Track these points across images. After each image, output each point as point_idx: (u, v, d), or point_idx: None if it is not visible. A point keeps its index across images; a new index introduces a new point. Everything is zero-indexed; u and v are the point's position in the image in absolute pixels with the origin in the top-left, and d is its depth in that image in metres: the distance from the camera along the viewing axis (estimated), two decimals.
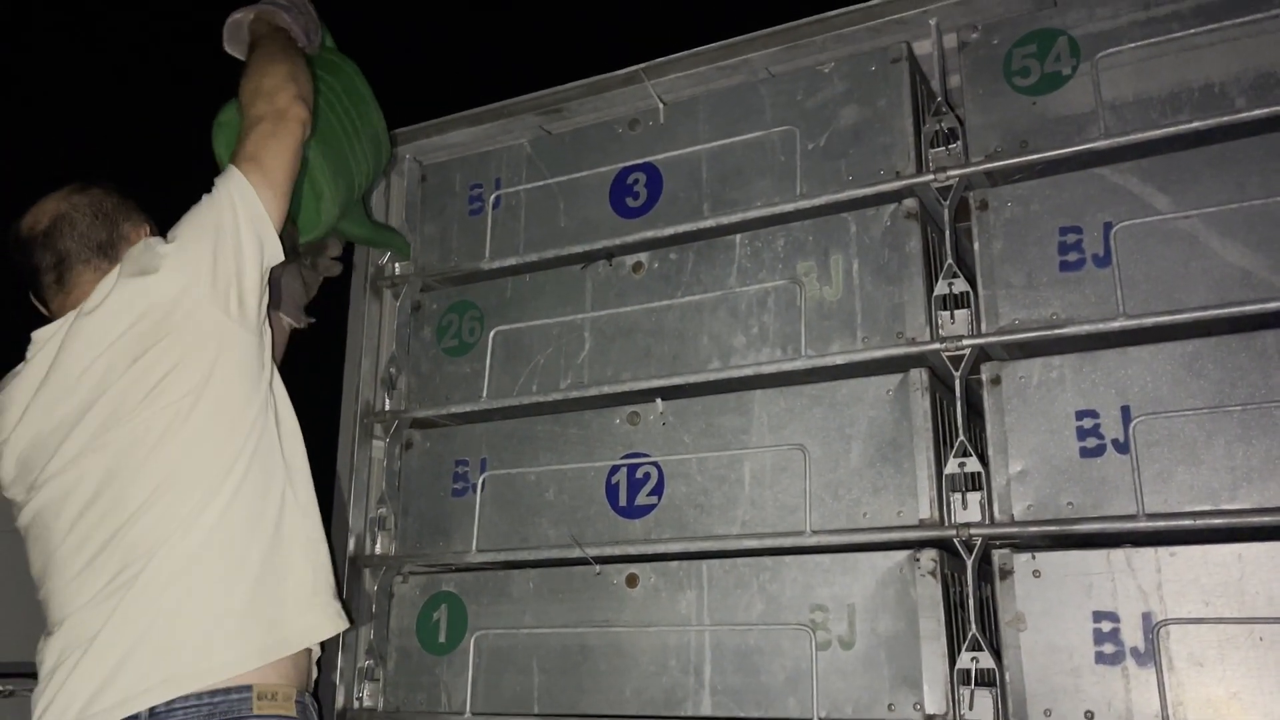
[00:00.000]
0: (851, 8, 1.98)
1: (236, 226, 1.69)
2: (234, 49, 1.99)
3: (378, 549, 2.27)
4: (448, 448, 2.25)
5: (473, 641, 2.07)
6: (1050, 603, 1.63)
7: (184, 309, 1.65)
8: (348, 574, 2.23)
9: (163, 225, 1.81)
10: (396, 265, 2.45)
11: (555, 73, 2.28)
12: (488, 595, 2.09)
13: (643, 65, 2.17)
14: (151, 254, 1.68)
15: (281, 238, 1.76)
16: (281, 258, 1.76)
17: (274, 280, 1.86)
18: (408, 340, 2.38)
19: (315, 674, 1.76)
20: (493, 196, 2.34)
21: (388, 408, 2.35)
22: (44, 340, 1.73)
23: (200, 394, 1.65)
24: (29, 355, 1.76)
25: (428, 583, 2.18)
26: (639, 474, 2.01)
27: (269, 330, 1.78)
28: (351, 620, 1.80)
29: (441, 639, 2.12)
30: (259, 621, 1.63)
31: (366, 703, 2.17)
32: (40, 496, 1.67)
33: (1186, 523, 1.57)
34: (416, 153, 2.49)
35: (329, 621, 1.74)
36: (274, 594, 1.66)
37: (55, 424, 1.66)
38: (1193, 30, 1.72)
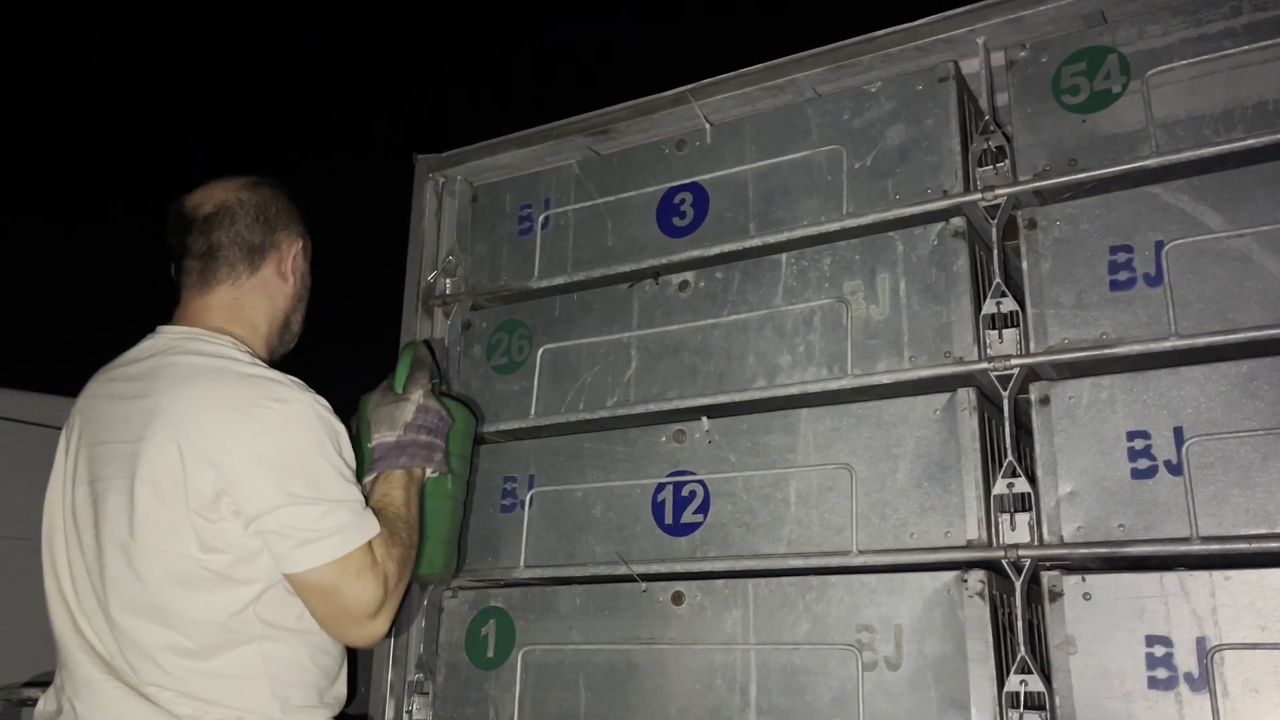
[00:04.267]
0: (898, 27, 1.98)
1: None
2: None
3: None
4: (496, 464, 2.28)
5: (520, 657, 2.09)
6: (1101, 626, 1.61)
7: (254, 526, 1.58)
8: None
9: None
10: (448, 283, 2.49)
11: (603, 94, 2.32)
12: (535, 611, 2.12)
13: (690, 86, 2.19)
14: (269, 445, 1.57)
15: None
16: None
17: None
18: (458, 358, 2.41)
19: None
20: (542, 216, 2.37)
21: None
22: (153, 350, 1.67)
23: (222, 581, 1.58)
24: (136, 354, 1.71)
25: (476, 598, 2.20)
26: (685, 492, 2.02)
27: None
28: None
29: (490, 654, 2.14)
30: None
31: (417, 716, 2.20)
32: (60, 554, 1.65)
33: (1242, 546, 1.54)
34: (468, 174, 2.53)
35: None
36: None
37: (99, 477, 1.62)
38: (1245, 47, 1.71)
